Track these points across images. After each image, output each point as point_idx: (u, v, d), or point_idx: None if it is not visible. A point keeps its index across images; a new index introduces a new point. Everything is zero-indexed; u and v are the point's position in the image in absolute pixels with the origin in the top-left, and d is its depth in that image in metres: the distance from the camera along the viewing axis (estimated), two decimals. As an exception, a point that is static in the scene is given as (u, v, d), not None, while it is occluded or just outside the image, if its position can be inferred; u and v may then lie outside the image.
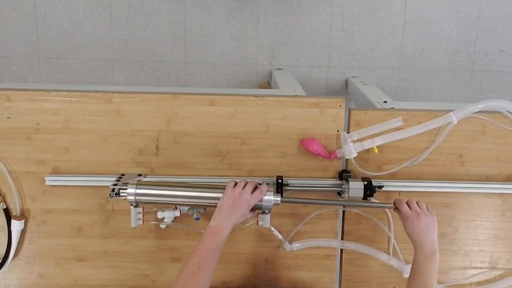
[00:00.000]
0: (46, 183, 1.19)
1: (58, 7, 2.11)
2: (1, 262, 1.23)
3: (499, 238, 1.27)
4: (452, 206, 1.25)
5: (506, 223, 1.27)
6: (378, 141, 1.18)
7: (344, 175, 1.19)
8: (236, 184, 1.08)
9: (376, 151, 1.18)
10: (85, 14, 2.12)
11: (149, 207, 1.20)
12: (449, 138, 1.22)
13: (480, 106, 1.19)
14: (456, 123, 1.18)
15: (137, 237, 1.24)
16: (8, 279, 1.25)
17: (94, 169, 1.21)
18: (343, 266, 1.28)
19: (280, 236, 1.21)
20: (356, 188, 1.15)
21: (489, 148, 1.23)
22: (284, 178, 1.19)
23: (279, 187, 1.17)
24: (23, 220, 1.22)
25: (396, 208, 1.12)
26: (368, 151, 1.19)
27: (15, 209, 1.22)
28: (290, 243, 1.24)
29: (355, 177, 1.21)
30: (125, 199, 1.11)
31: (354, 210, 1.24)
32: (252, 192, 1.06)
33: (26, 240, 1.24)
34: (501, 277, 1.29)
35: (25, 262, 1.25)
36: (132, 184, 1.11)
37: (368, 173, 1.21)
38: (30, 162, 1.20)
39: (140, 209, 1.13)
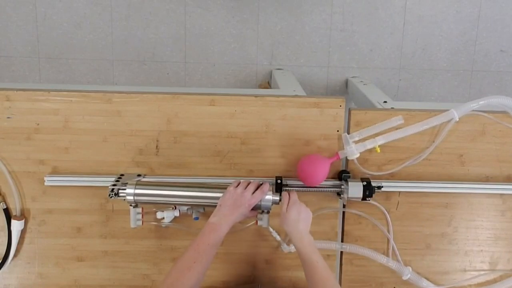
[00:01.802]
0: (46, 183, 1.19)
1: (58, 7, 2.11)
2: (1, 262, 1.23)
3: (499, 238, 1.27)
4: (452, 206, 1.25)
5: (506, 223, 1.27)
6: (380, 140, 1.18)
7: (343, 175, 1.19)
8: (239, 184, 1.09)
9: (379, 150, 1.18)
10: (85, 14, 2.12)
11: (149, 207, 1.20)
12: (449, 138, 1.22)
13: (482, 102, 1.18)
14: (457, 119, 1.18)
15: (137, 237, 1.24)
16: (8, 279, 1.25)
17: (94, 169, 1.21)
18: (343, 266, 1.28)
19: (278, 238, 1.21)
20: (355, 188, 1.15)
21: (489, 148, 1.23)
22: (283, 179, 1.19)
23: (279, 187, 1.17)
24: (23, 220, 1.22)
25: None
26: (368, 151, 1.19)
27: (15, 209, 1.22)
28: (288, 244, 1.24)
29: (355, 177, 1.21)
30: (124, 199, 1.11)
31: (353, 211, 1.24)
32: (253, 192, 1.06)
33: (26, 240, 1.24)
34: (501, 278, 1.29)
35: (25, 262, 1.25)
36: (131, 184, 1.11)
37: (370, 173, 1.21)
38: (30, 162, 1.20)
39: (139, 210, 1.14)
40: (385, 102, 1.53)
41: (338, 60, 2.20)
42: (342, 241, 1.26)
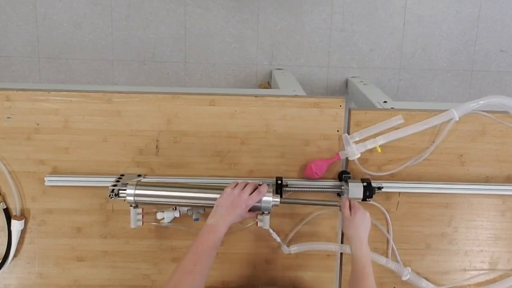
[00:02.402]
0: (46, 183, 1.19)
1: (58, 7, 2.11)
2: (1, 262, 1.23)
3: (499, 238, 1.27)
4: (452, 206, 1.25)
5: (506, 223, 1.27)
6: (380, 140, 1.18)
7: (343, 176, 1.19)
8: (237, 184, 1.08)
9: (379, 150, 1.18)
10: (85, 14, 2.12)
11: (149, 208, 1.20)
12: (449, 138, 1.22)
13: (482, 102, 1.18)
14: (457, 119, 1.18)
15: (137, 237, 1.24)
16: (8, 279, 1.25)
17: (94, 169, 1.21)
18: (343, 266, 1.28)
19: (278, 239, 1.21)
20: (355, 189, 1.15)
21: (489, 148, 1.23)
22: (283, 179, 1.19)
23: (279, 188, 1.17)
24: (23, 220, 1.22)
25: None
26: (369, 151, 1.19)
27: (15, 209, 1.22)
28: (288, 245, 1.24)
29: (355, 178, 1.21)
30: (124, 200, 1.11)
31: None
32: (251, 193, 1.06)
33: (26, 240, 1.24)
34: (501, 277, 1.29)
35: (25, 262, 1.25)
36: (131, 184, 1.11)
37: (370, 173, 1.21)
38: (30, 162, 1.20)
39: (139, 210, 1.13)
40: (385, 102, 1.53)
41: (338, 60, 2.20)
42: (342, 241, 1.26)
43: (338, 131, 1.21)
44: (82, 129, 1.20)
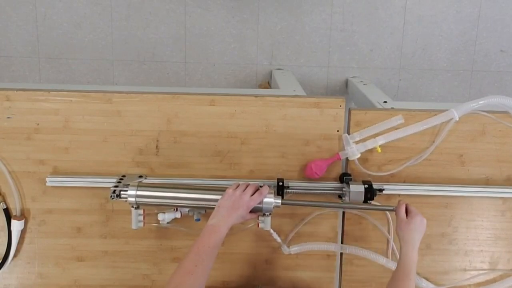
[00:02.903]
0: (47, 184, 1.19)
1: (58, 7, 2.11)
2: (1, 262, 1.23)
3: (499, 238, 1.27)
4: (452, 206, 1.25)
5: (506, 223, 1.27)
6: (380, 140, 1.18)
7: (344, 178, 1.19)
8: (238, 186, 1.09)
9: (379, 150, 1.18)
10: (85, 14, 2.12)
11: (150, 208, 1.20)
12: (449, 138, 1.22)
13: (482, 102, 1.18)
14: (457, 119, 1.18)
15: (137, 237, 1.24)
16: (8, 279, 1.25)
17: (94, 169, 1.21)
18: (343, 266, 1.28)
19: (279, 240, 1.21)
20: (356, 191, 1.15)
21: (489, 148, 1.23)
22: (285, 181, 1.19)
23: (280, 189, 1.17)
24: (23, 220, 1.22)
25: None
26: (369, 151, 1.19)
27: (15, 209, 1.22)
28: (288, 246, 1.24)
29: (355, 178, 1.21)
30: (125, 201, 1.11)
31: (354, 211, 1.24)
32: (252, 195, 1.06)
33: (26, 240, 1.24)
34: (501, 277, 1.29)
35: (25, 262, 1.25)
36: (133, 186, 1.11)
37: (370, 173, 1.21)
38: (30, 162, 1.20)
39: (140, 211, 1.13)
40: (385, 102, 1.53)
41: (338, 60, 2.19)
42: (342, 241, 1.26)
43: (338, 131, 1.21)
44: (82, 129, 1.20)
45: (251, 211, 1.07)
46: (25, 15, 2.11)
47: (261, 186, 1.09)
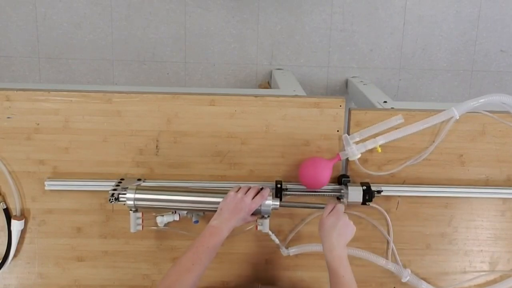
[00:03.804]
0: (46, 188, 1.19)
1: (58, 7, 2.11)
2: (1, 262, 1.23)
3: (499, 238, 1.27)
4: (452, 206, 1.25)
5: (506, 223, 1.27)
6: (380, 140, 1.18)
7: (343, 180, 1.19)
8: (239, 189, 1.09)
9: (380, 150, 1.18)
10: (85, 14, 2.12)
11: (149, 211, 1.20)
12: (449, 138, 1.22)
13: (482, 100, 1.18)
14: (458, 117, 1.18)
15: (137, 237, 1.24)
16: (8, 279, 1.25)
17: (94, 169, 1.21)
18: (343, 266, 1.27)
19: (277, 241, 1.21)
20: (355, 193, 1.15)
21: (489, 148, 1.23)
22: (283, 183, 1.19)
23: (279, 192, 1.17)
24: (23, 220, 1.22)
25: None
26: (369, 151, 1.19)
27: (15, 209, 1.22)
28: (287, 247, 1.24)
29: (355, 179, 1.21)
30: (124, 204, 1.11)
31: (353, 212, 1.24)
32: (254, 197, 1.07)
33: (26, 240, 1.24)
34: (501, 278, 1.29)
35: (25, 262, 1.25)
36: (131, 189, 1.11)
37: (371, 173, 1.21)
38: (30, 162, 1.20)
39: (139, 214, 1.14)
40: (385, 102, 1.53)
41: (338, 60, 2.19)
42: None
43: (338, 131, 1.21)
44: (82, 129, 1.20)
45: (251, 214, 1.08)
46: (25, 15, 2.11)
47: (261, 189, 1.09)
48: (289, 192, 1.19)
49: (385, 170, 1.22)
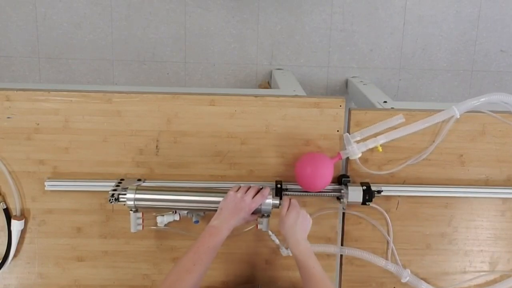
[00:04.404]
0: (46, 188, 1.19)
1: (58, 7, 2.11)
2: (1, 262, 1.23)
3: (499, 238, 1.27)
4: (452, 206, 1.25)
5: (506, 223, 1.27)
6: (381, 139, 1.18)
7: (343, 179, 1.19)
8: (239, 188, 1.09)
9: (380, 149, 1.17)
10: (85, 14, 2.12)
11: (149, 211, 1.20)
12: (449, 138, 1.22)
13: (482, 99, 1.18)
14: (458, 116, 1.18)
15: (137, 237, 1.24)
16: (8, 279, 1.25)
17: (94, 169, 1.21)
18: (343, 266, 1.28)
19: (277, 241, 1.21)
20: (355, 193, 1.15)
21: (489, 148, 1.23)
22: (283, 183, 1.19)
23: (278, 192, 1.17)
24: (23, 220, 1.22)
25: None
26: (369, 151, 1.19)
27: (15, 209, 1.22)
28: (287, 247, 1.24)
29: (355, 179, 1.21)
30: (124, 204, 1.11)
31: (353, 212, 1.24)
32: (254, 197, 1.07)
33: (26, 240, 1.24)
34: (501, 278, 1.29)
35: (25, 262, 1.25)
36: (131, 189, 1.11)
37: (371, 172, 1.21)
38: (30, 162, 1.20)
39: (139, 214, 1.14)
40: (385, 102, 1.53)
41: (338, 60, 2.19)
42: (342, 241, 1.26)
43: (338, 131, 1.21)
44: (82, 129, 1.20)
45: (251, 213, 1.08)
46: (25, 15, 2.11)
47: (261, 188, 1.09)
48: (289, 192, 1.19)
49: (385, 170, 1.22)
